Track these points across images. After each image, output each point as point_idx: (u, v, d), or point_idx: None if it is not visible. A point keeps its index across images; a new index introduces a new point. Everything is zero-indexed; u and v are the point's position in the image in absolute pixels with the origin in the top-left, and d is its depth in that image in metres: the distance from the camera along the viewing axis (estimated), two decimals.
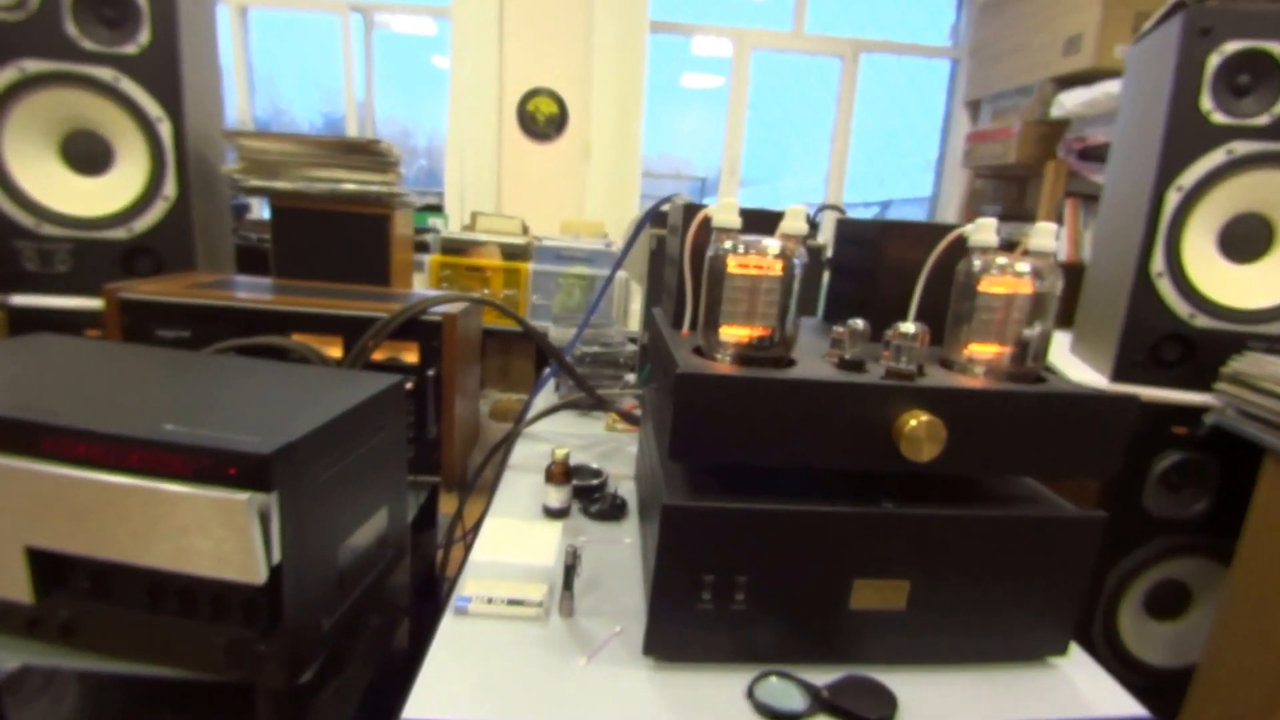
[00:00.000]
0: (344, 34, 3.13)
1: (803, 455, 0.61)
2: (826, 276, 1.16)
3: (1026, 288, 0.68)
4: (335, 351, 1.04)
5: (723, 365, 0.66)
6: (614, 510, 0.99)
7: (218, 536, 0.61)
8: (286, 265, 1.44)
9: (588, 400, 1.32)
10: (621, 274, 2.45)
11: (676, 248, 0.81)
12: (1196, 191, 1.11)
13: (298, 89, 3.44)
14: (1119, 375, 1.19)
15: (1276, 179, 1.10)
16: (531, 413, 1.34)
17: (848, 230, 0.94)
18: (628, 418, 1.30)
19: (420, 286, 2.54)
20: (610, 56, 2.95)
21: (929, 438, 0.59)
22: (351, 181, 1.42)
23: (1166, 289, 1.14)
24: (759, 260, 0.64)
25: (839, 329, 0.72)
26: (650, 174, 3.58)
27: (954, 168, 3.35)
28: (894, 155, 3.86)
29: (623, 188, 3.10)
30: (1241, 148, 1.09)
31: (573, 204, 3.15)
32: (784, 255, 0.65)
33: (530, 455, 1.22)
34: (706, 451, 0.60)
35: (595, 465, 1.12)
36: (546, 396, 1.51)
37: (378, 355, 1.04)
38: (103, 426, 0.63)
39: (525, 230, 2.73)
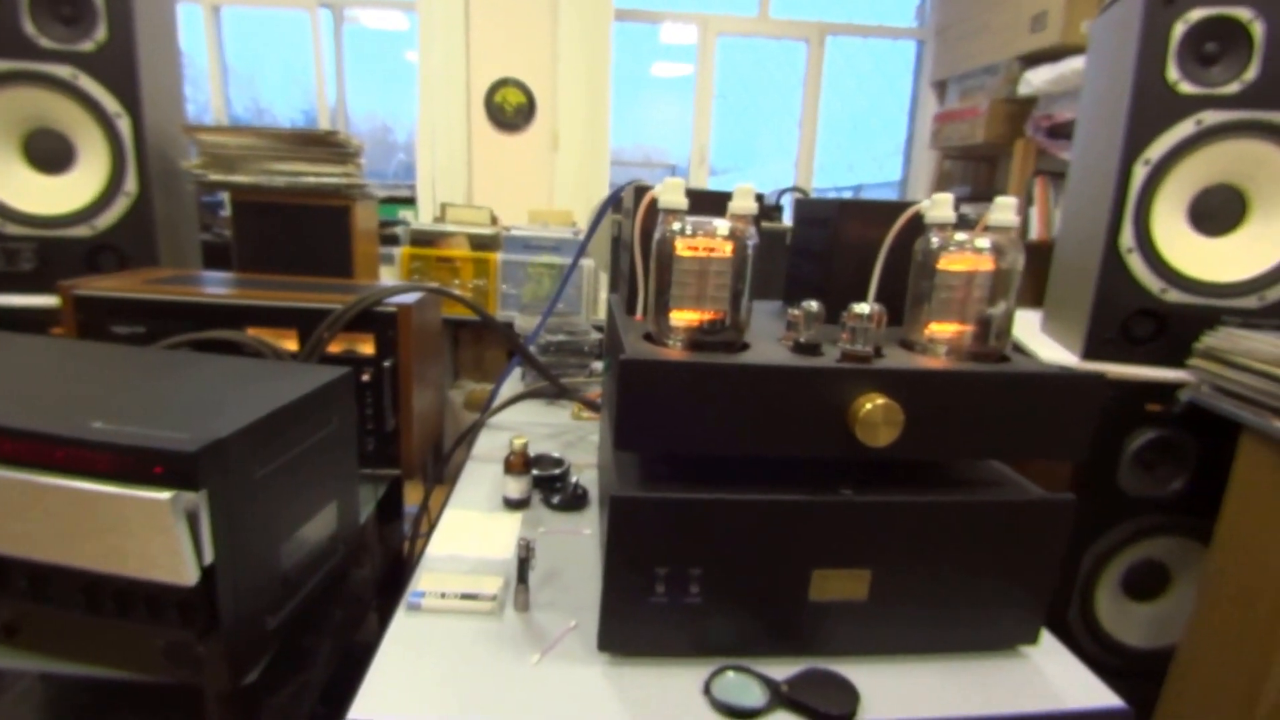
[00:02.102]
0: (314, 30, 3.07)
1: (756, 443, 0.59)
2: None
3: (987, 264, 0.67)
4: (291, 345, 1.01)
5: (673, 351, 0.63)
6: (575, 500, 0.97)
7: (144, 537, 0.58)
8: (249, 259, 1.41)
9: (551, 389, 1.29)
10: (590, 262, 2.42)
11: (629, 231, 0.79)
12: (1165, 164, 1.09)
13: (278, 87, 3.38)
14: (1090, 353, 1.18)
15: (1248, 148, 1.08)
16: (497, 402, 1.31)
17: (806, 210, 0.92)
18: (591, 406, 1.28)
19: (391, 278, 2.50)
20: (576, 46, 2.91)
21: (885, 422, 0.58)
22: (311, 174, 1.38)
23: (1136, 264, 1.13)
24: (708, 242, 0.62)
25: (794, 311, 0.70)
26: (621, 163, 3.54)
27: (922, 150, 3.35)
28: (863, 139, 3.85)
29: (592, 177, 3.06)
30: (1211, 117, 1.07)
31: (543, 193, 3.12)
32: (734, 236, 0.63)
33: (495, 446, 1.19)
34: (655, 441, 0.58)
35: (558, 454, 1.10)
36: (514, 386, 1.48)
37: (334, 348, 1.01)
38: (30, 424, 0.60)
39: (494, 220, 2.69)
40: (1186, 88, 1.06)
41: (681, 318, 0.64)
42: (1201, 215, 1.14)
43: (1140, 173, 1.09)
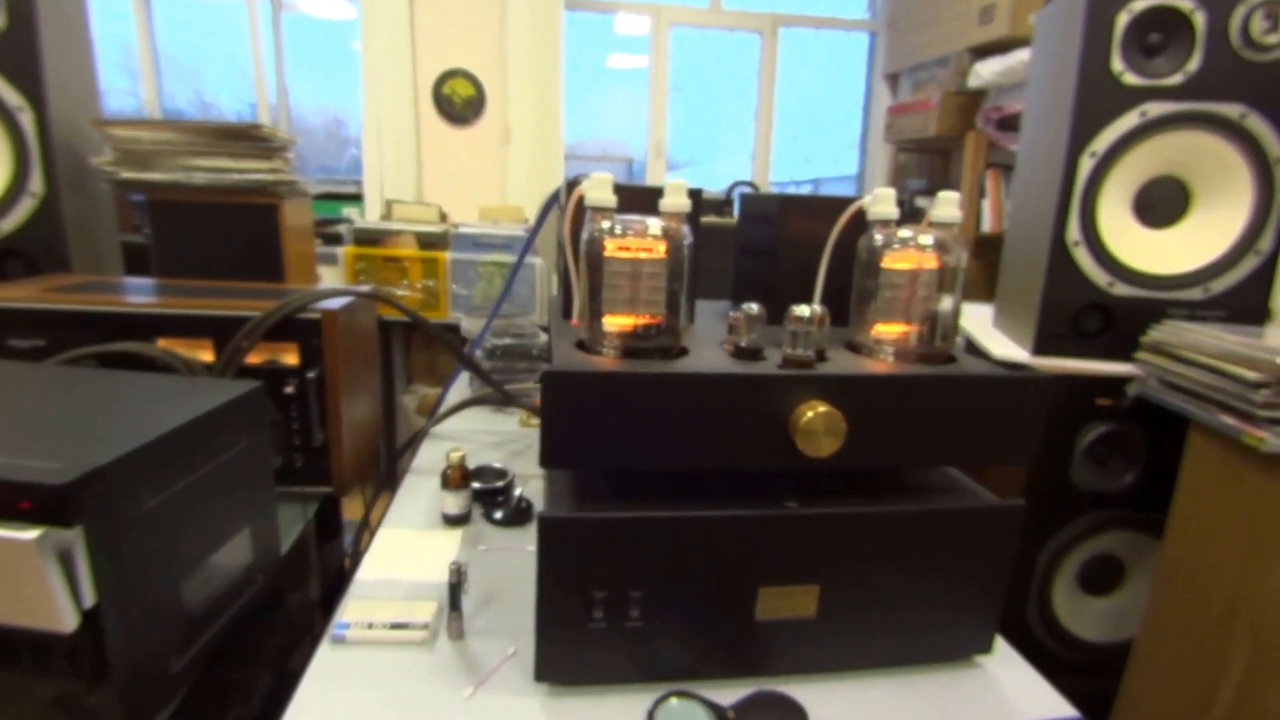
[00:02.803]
0: (250, 18, 2.93)
1: (693, 455, 0.56)
2: None
3: (931, 262, 0.64)
4: (208, 356, 0.94)
5: (605, 360, 0.59)
6: (518, 515, 0.92)
7: (13, 580, 0.52)
8: (169, 264, 1.31)
9: (496, 396, 1.24)
10: (541, 261, 2.37)
11: (562, 231, 0.74)
12: (1110, 156, 1.08)
13: (223, 79, 3.21)
14: (1040, 348, 1.17)
15: (1191, 140, 1.08)
16: (442, 409, 1.26)
17: (751, 206, 0.88)
18: (538, 413, 1.23)
19: (335, 280, 2.40)
20: (525, 36, 2.84)
21: (827, 431, 0.54)
22: (234, 170, 1.30)
23: (1083, 258, 1.12)
24: (639, 242, 0.58)
25: (734, 314, 0.66)
26: (577, 157, 3.48)
27: (878, 143, 3.36)
28: (820, 133, 3.85)
29: (545, 171, 3.00)
30: (1155, 109, 1.06)
31: (495, 189, 3.04)
32: (667, 235, 0.58)
33: (438, 457, 1.14)
34: (584, 457, 0.54)
35: (500, 465, 1.05)
36: (462, 392, 1.42)
37: (254, 358, 0.94)
38: None
39: (443, 218, 2.62)
40: (1131, 79, 1.05)
41: (614, 323, 0.60)
42: (1146, 208, 1.13)
43: (1086, 165, 1.08)
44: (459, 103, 2.94)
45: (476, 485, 0.97)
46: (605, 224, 0.58)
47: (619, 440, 0.53)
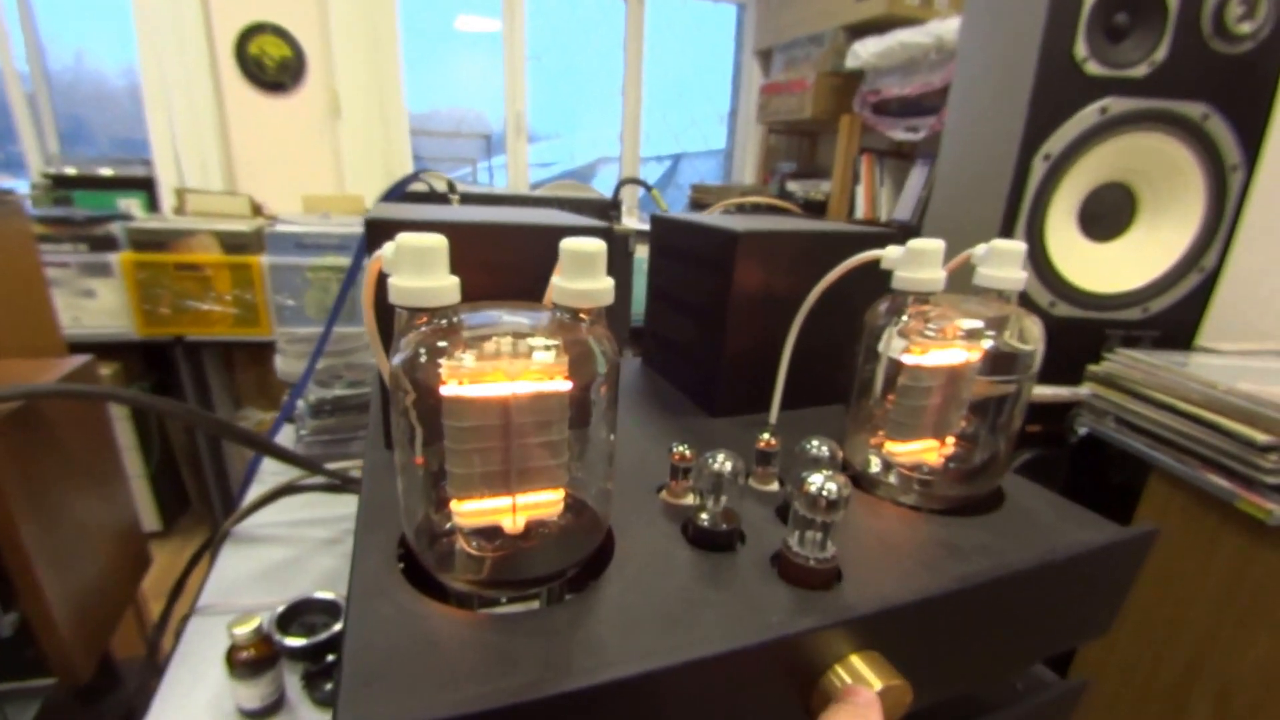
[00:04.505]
0: None
1: None
2: (641, 283, 0.85)
3: (977, 353, 0.40)
4: None
5: (449, 612, 0.31)
6: None
7: None
8: None
9: (328, 478, 0.91)
10: None
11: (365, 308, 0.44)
12: (1065, 159, 0.92)
13: None
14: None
15: (1148, 142, 0.94)
16: (245, 504, 0.91)
17: (671, 236, 0.62)
18: None
19: (112, 297, 1.89)
20: None
21: (886, 712, 0.30)
22: None
23: (1028, 277, 0.96)
24: (510, 366, 0.30)
25: (681, 449, 0.40)
26: (427, 132, 3.05)
27: (748, 121, 3.20)
28: (687, 107, 3.65)
29: (388, 150, 2.57)
30: (1116, 105, 0.90)
31: (328, 173, 2.57)
32: (571, 352, 0.31)
33: (240, 580, 0.80)
34: None
35: (328, 595, 0.72)
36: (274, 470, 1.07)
37: None
38: None
39: (257, 210, 2.14)
40: (1094, 68, 0.88)
41: (472, 513, 0.32)
42: (1091, 218, 0.99)
43: (1039, 169, 0.91)
44: (271, 66, 2.43)
45: (291, 643, 0.65)
46: (436, 339, 0.30)
47: None
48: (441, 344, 0.29)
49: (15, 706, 0.67)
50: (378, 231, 0.41)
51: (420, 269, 0.29)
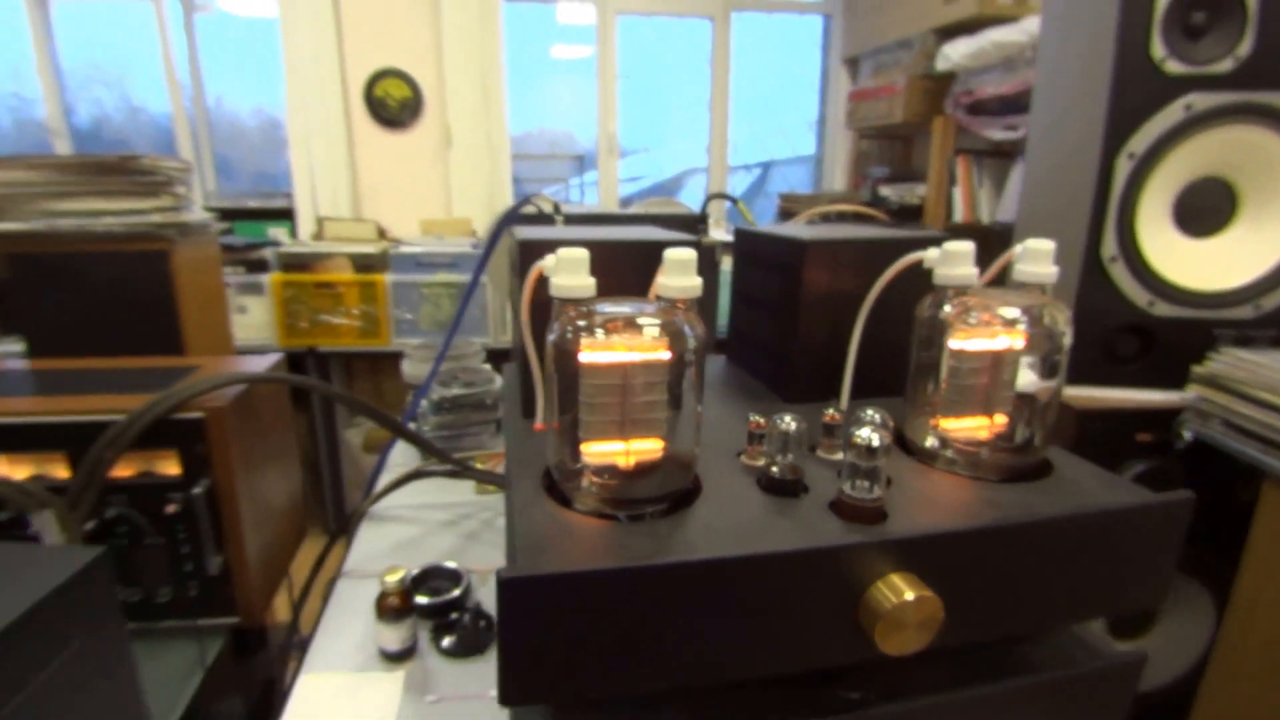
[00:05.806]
0: (158, 18, 2.64)
1: (715, 668, 0.38)
2: (726, 295, 0.94)
3: (1018, 339, 0.47)
4: (63, 472, 0.73)
5: (584, 519, 0.41)
6: (475, 640, 0.73)
7: None
8: (41, 337, 1.07)
9: (449, 467, 1.05)
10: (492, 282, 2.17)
11: (517, 295, 0.56)
12: (1151, 157, 0.93)
13: (153, 83, 2.86)
14: (1070, 377, 1.02)
15: (1241, 135, 0.94)
16: (379, 487, 1.06)
17: (752, 245, 0.71)
18: (495, 480, 1.04)
19: (260, 312, 2.16)
20: (462, 31, 2.60)
21: (920, 625, 0.37)
22: (109, 212, 1.07)
23: (1121, 275, 0.97)
24: (628, 340, 0.40)
25: (758, 419, 0.49)
26: (524, 155, 3.26)
27: (836, 128, 3.22)
28: (774, 116, 3.70)
29: (491, 175, 2.77)
30: (1201, 101, 0.91)
31: (439, 199, 2.80)
32: (669, 330, 0.41)
33: (378, 549, 0.94)
34: (562, 687, 0.36)
35: (452, 565, 0.85)
36: (406, 455, 1.23)
37: (125, 471, 0.73)
38: None
39: (381, 235, 2.39)
40: (1174, 67, 0.90)
41: (597, 453, 0.42)
42: (1188, 215, 0.99)
43: (1124, 168, 0.93)
44: (394, 105, 2.69)
45: (421, 601, 0.78)
46: (579, 320, 0.40)
47: (612, 659, 0.36)
48: (582, 324, 0.40)
49: (194, 648, 0.83)
50: (529, 249, 0.52)
51: (573, 272, 0.40)
